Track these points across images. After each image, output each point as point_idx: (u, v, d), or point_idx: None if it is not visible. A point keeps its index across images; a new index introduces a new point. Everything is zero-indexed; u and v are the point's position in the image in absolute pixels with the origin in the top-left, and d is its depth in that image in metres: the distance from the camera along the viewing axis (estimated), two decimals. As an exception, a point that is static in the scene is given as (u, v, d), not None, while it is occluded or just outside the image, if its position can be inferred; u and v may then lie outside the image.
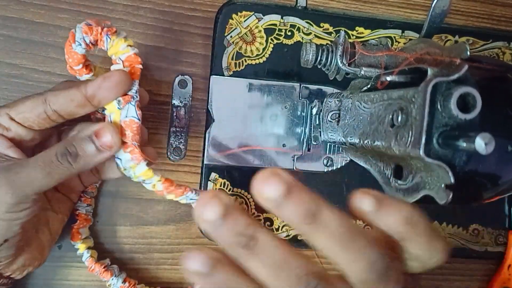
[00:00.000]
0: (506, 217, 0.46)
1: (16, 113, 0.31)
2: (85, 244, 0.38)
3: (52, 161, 0.29)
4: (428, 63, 0.29)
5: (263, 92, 0.42)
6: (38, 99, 0.31)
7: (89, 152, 0.30)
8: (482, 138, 0.22)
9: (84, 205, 0.38)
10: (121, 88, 0.31)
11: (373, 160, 0.35)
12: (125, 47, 0.31)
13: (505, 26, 0.46)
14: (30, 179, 0.29)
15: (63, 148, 0.30)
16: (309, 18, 0.42)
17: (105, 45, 0.31)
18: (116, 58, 0.32)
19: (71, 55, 0.32)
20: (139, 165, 0.32)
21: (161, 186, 0.33)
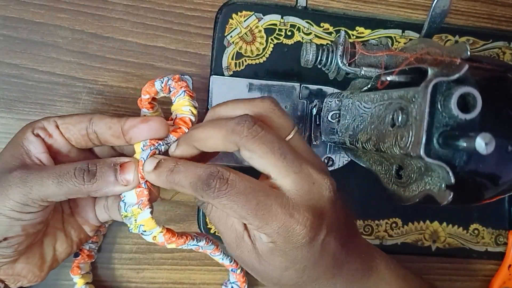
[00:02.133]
0: (506, 217, 0.46)
1: (62, 122, 0.32)
2: (84, 279, 0.38)
3: (68, 172, 0.29)
4: (428, 63, 0.29)
5: (263, 92, 0.42)
6: (86, 117, 0.32)
7: (106, 179, 0.30)
8: (482, 138, 0.22)
9: (89, 241, 0.38)
10: (155, 134, 0.31)
11: (373, 160, 0.35)
12: (188, 109, 0.32)
13: (505, 26, 0.46)
14: (40, 183, 0.29)
15: (85, 164, 0.30)
16: (309, 18, 0.42)
17: (176, 97, 0.33)
18: (174, 114, 0.33)
19: (148, 86, 0.33)
20: (143, 211, 0.31)
21: (162, 238, 0.32)
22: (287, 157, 0.28)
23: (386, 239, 0.44)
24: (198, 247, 0.34)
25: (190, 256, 0.42)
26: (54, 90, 0.39)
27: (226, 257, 0.38)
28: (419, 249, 0.44)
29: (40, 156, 0.31)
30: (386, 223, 0.44)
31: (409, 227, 0.44)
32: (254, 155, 0.28)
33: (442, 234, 0.44)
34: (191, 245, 0.34)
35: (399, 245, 0.44)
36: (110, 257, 0.40)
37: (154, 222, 0.31)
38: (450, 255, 0.45)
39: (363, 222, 0.43)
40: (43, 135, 0.32)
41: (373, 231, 0.43)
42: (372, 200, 0.43)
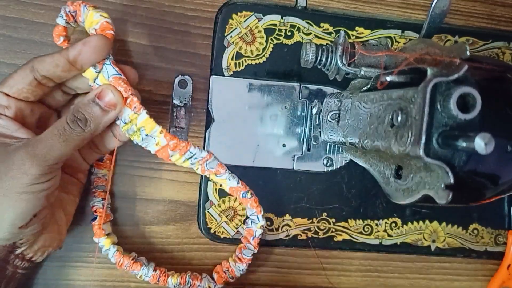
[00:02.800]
0: (506, 217, 0.46)
1: (9, 88, 0.32)
2: (110, 239, 0.38)
3: (65, 128, 0.31)
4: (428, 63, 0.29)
5: (263, 92, 0.42)
6: (26, 68, 0.32)
7: (96, 114, 0.32)
8: (482, 138, 0.22)
9: (99, 199, 0.38)
10: (101, 51, 0.32)
11: (373, 160, 0.35)
12: (99, 16, 0.33)
13: (505, 26, 0.46)
14: (50, 148, 0.30)
15: (71, 115, 0.31)
16: (309, 18, 0.42)
17: (82, 16, 0.33)
18: (91, 28, 0.33)
19: (54, 30, 0.34)
20: (140, 114, 0.33)
21: (164, 140, 0.33)
22: None
23: (386, 239, 0.44)
24: (200, 161, 0.35)
25: (190, 256, 0.42)
26: (54, 90, 0.39)
27: (232, 177, 0.37)
28: (418, 249, 0.44)
29: (17, 134, 0.32)
30: (385, 223, 0.44)
31: (408, 227, 0.44)
32: None
33: (441, 234, 0.44)
34: (195, 159, 0.34)
35: (399, 245, 0.44)
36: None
37: (153, 121, 0.33)
38: (450, 255, 0.45)
39: (362, 222, 0.43)
40: (1, 111, 0.32)
41: (373, 231, 0.43)
42: (372, 200, 0.43)
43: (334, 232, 0.43)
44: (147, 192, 0.41)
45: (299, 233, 0.42)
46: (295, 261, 0.43)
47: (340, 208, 0.43)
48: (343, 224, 0.43)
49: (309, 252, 0.43)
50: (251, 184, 0.38)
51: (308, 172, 0.42)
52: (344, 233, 0.43)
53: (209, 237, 0.41)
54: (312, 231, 0.43)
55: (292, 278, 0.43)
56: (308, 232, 0.43)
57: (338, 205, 0.43)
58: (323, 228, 0.43)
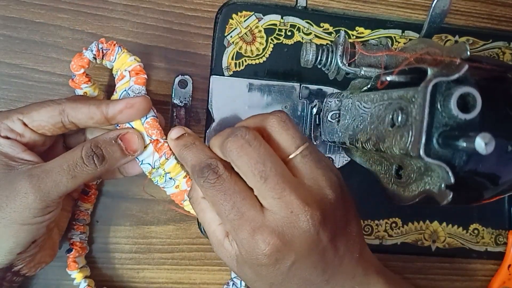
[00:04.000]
0: (506, 217, 0.46)
1: (30, 121, 0.31)
2: (82, 273, 0.38)
3: (77, 163, 0.30)
4: (428, 63, 0.29)
5: (263, 92, 0.42)
6: (55, 109, 0.31)
7: (115, 155, 0.31)
8: (482, 138, 0.22)
9: (77, 233, 0.38)
10: (143, 113, 0.32)
11: (373, 160, 0.35)
12: (133, 59, 0.33)
13: (505, 26, 0.46)
14: (55, 183, 0.29)
15: (89, 150, 0.30)
16: (309, 18, 0.42)
17: (115, 55, 0.33)
18: (122, 70, 0.33)
19: (77, 60, 0.33)
20: (169, 160, 0.33)
21: (185, 185, 0.34)
22: (268, 179, 0.27)
23: (386, 239, 0.44)
24: None
25: (190, 256, 0.42)
26: (54, 90, 0.39)
27: None
28: (419, 249, 0.44)
29: (22, 156, 0.31)
30: (386, 223, 0.44)
31: (409, 227, 0.44)
32: (239, 171, 0.28)
33: (442, 234, 0.44)
34: None
35: (399, 245, 0.44)
36: (110, 257, 0.40)
37: (180, 166, 0.34)
38: (450, 255, 0.45)
39: (363, 222, 0.43)
40: (13, 136, 0.31)
41: (373, 231, 0.43)
42: (372, 200, 0.43)
43: (334, 232, 0.43)
44: (147, 192, 0.41)
45: (299, 233, 0.42)
46: (295, 261, 0.43)
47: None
48: (343, 224, 0.43)
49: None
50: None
51: (308, 172, 0.42)
52: (344, 233, 0.43)
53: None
54: (312, 231, 0.43)
55: (292, 278, 0.43)
56: (308, 232, 0.42)
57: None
58: (323, 228, 0.43)
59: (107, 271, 0.40)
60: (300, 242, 0.27)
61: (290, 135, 0.29)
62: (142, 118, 0.33)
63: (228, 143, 0.28)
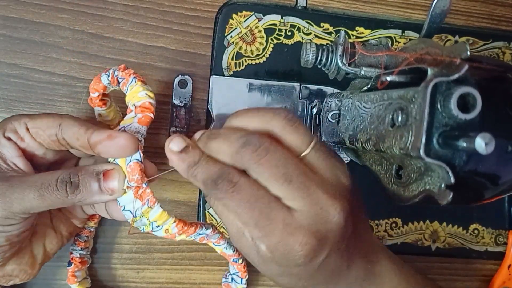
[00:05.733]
0: (506, 217, 0.46)
1: (32, 125, 0.31)
2: (82, 286, 0.38)
3: (50, 184, 0.28)
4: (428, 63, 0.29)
5: (263, 92, 0.42)
6: (55, 121, 0.30)
7: (90, 189, 0.29)
8: (482, 138, 0.22)
9: (78, 248, 0.38)
10: (125, 152, 0.30)
11: (373, 160, 0.35)
12: (144, 94, 0.31)
13: (505, 26, 0.46)
14: (21, 196, 0.28)
15: (67, 175, 0.29)
16: (309, 18, 0.42)
17: (127, 86, 0.31)
18: (131, 104, 0.31)
19: (94, 82, 0.32)
20: (153, 208, 0.30)
21: (175, 229, 0.31)
22: (292, 181, 0.27)
23: (386, 239, 0.44)
24: (204, 236, 0.34)
25: (190, 256, 0.42)
26: (54, 90, 0.39)
27: (229, 247, 0.37)
28: (419, 249, 0.44)
29: (15, 160, 0.30)
30: (386, 223, 0.44)
31: (409, 227, 0.44)
32: (260, 178, 0.27)
33: (442, 234, 0.44)
34: (199, 235, 0.33)
35: (399, 245, 0.44)
36: (110, 257, 0.40)
37: (167, 214, 0.31)
38: (450, 255, 0.45)
39: (363, 222, 0.43)
40: (14, 138, 0.31)
41: (373, 231, 0.43)
42: (372, 200, 0.43)
43: (334, 232, 0.43)
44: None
45: (299, 233, 0.42)
46: (295, 261, 0.43)
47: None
48: (343, 224, 0.43)
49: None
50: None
51: (308, 172, 0.42)
52: (344, 233, 0.43)
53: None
54: (312, 231, 0.43)
55: (292, 278, 0.43)
56: (308, 232, 0.42)
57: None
58: (323, 228, 0.43)
59: (107, 271, 0.40)
60: (334, 235, 0.28)
61: (301, 134, 0.29)
62: (127, 159, 0.30)
63: (245, 153, 0.27)
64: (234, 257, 0.38)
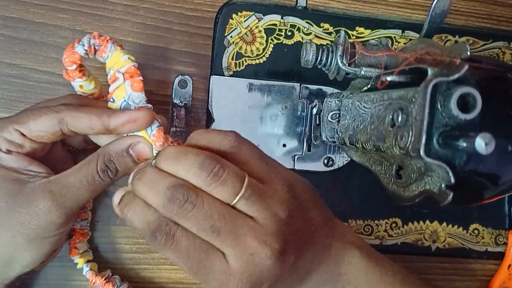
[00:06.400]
0: (506, 217, 0.46)
1: (28, 131, 0.30)
2: (84, 258, 0.38)
3: (95, 179, 0.30)
4: (428, 63, 0.29)
5: (263, 92, 0.42)
6: (53, 118, 0.30)
7: (127, 167, 0.31)
8: (482, 138, 0.22)
9: (78, 220, 0.38)
10: (146, 127, 0.31)
11: (373, 160, 0.35)
12: (126, 58, 0.31)
13: (505, 26, 0.46)
14: (76, 198, 0.30)
15: (103, 164, 0.31)
16: (309, 18, 0.42)
17: (107, 52, 0.31)
18: (115, 71, 0.31)
19: (69, 54, 0.32)
20: None
21: None
22: (220, 232, 0.27)
23: (386, 239, 0.44)
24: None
25: (190, 256, 0.42)
26: (54, 90, 0.39)
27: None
28: (419, 249, 0.44)
29: (31, 168, 0.31)
30: (386, 223, 0.44)
31: (409, 227, 0.44)
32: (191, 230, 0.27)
33: (442, 234, 0.44)
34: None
35: (399, 245, 0.44)
36: (110, 257, 0.40)
37: None
38: (450, 255, 0.45)
39: (363, 222, 0.43)
40: (13, 148, 0.31)
41: (373, 231, 0.43)
42: (372, 200, 0.43)
43: (334, 232, 0.43)
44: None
45: (299, 233, 0.42)
46: (295, 261, 0.43)
47: (340, 208, 0.43)
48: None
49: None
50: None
51: (309, 172, 0.42)
52: (344, 233, 0.43)
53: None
54: (312, 231, 0.43)
55: (292, 278, 0.43)
56: (308, 232, 0.43)
57: (339, 205, 0.43)
58: (323, 228, 0.43)
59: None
60: (268, 276, 0.28)
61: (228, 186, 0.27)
62: (148, 129, 0.31)
63: (171, 208, 0.27)
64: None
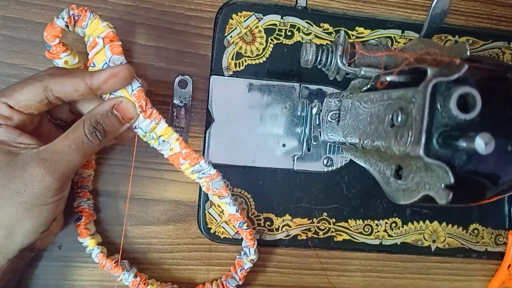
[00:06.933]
0: (506, 217, 0.46)
1: (15, 102, 0.31)
2: (95, 240, 0.38)
3: (84, 141, 0.31)
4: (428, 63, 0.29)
5: (263, 92, 0.42)
6: (38, 86, 0.31)
7: (114, 126, 0.33)
8: (482, 138, 0.22)
9: (84, 199, 0.38)
10: (127, 83, 0.33)
11: (373, 160, 0.35)
12: (105, 25, 0.32)
13: (505, 26, 0.46)
14: (68, 163, 0.31)
15: (90, 126, 0.32)
16: (309, 18, 0.42)
17: (86, 21, 0.32)
18: (95, 37, 0.32)
19: (50, 30, 0.32)
20: (160, 124, 0.34)
21: (178, 147, 0.35)
22: None
23: (386, 239, 0.44)
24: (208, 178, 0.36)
25: (190, 256, 0.42)
26: (54, 90, 0.39)
27: (233, 204, 0.38)
28: (418, 249, 0.44)
29: (20, 140, 0.32)
30: (385, 223, 0.44)
31: (408, 227, 0.44)
32: None
33: (441, 234, 0.44)
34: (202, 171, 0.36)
35: (399, 245, 0.44)
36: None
37: (171, 129, 0.35)
38: (450, 255, 0.45)
39: (362, 222, 0.43)
40: (2, 121, 0.31)
41: (373, 231, 0.43)
42: (372, 200, 0.43)
43: (334, 232, 0.43)
44: (147, 192, 0.41)
45: (299, 233, 0.42)
46: (295, 261, 0.43)
47: (340, 208, 0.43)
48: (343, 224, 0.43)
49: (309, 252, 0.43)
50: (251, 184, 0.38)
51: (308, 172, 0.42)
52: (344, 233, 0.43)
53: (209, 237, 0.41)
54: (312, 231, 0.43)
55: (292, 278, 0.43)
56: (308, 232, 0.43)
57: (338, 205, 0.43)
58: (323, 228, 0.43)
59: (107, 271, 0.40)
60: None
61: None
62: (129, 89, 0.33)
63: None
64: (240, 220, 0.38)
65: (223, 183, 0.37)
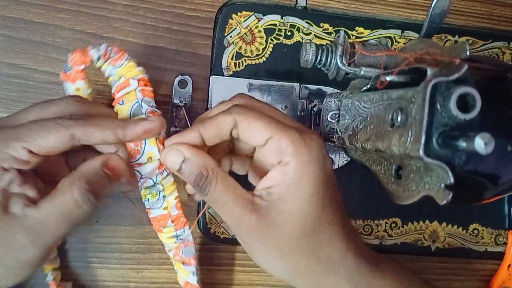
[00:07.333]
0: (506, 217, 0.46)
1: (38, 149, 0.29)
2: (51, 265, 0.38)
3: (73, 209, 0.28)
4: (428, 63, 0.29)
5: (263, 92, 0.42)
6: (65, 135, 0.29)
7: (105, 187, 0.30)
8: (482, 138, 0.22)
9: None
10: (158, 132, 0.32)
11: (373, 160, 0.35)
12: (141, 69, 0.34)
13: (505, 26, 0.46)
14: (53, 232, 0.29)
15: (84, 191, 0.29)
16: (309, 18, 0.42)
17: (122, 62, 0.33)
18: (129, 78, 0.33)
19: (81, 54, 0.32)
20: (168, 176, 0.35)
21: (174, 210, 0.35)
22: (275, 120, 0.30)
23: (386, 239, 0.44)
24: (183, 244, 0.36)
25: (190, 256, 0.42)
26: (54, 90, 0.39)
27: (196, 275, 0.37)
28: (418, 249, 0.44)
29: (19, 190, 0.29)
30: (385, 223, 0.44)
31: (408, 227, 0.44)
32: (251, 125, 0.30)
33: (441, 234, 0.44)
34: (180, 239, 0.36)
35: (399, 245, 0.44)
36: (110, 257, 0.40)
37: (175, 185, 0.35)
38: (450, 255, 0.45)
39: (362, 222, 0.43)
40: (16, 165, 0.29)
41: (373, 231, 0.43)
42: (372, 200, 0.43)
43: (334, 232, 0.43)
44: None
45: (299, 233, 0.42)
46: (295, 261, 0.43)
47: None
48: (343, 224, 0.43)
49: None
50: (251, 185, 0.38)
51: (308, 172, 0.42)
52: (344, 233, 0.43)
53: (209, 237, 0.41)
54: (312, 231, 0.43)
55: (292, 278, 0.43)
56: (308, 232, 0.42)
57: (338, 205, 0.43)
58: (323, 228, 0.43)
59: (107, 271, 0.40)
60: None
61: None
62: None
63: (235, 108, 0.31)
64: None
65: (194, 251, 0.36)
